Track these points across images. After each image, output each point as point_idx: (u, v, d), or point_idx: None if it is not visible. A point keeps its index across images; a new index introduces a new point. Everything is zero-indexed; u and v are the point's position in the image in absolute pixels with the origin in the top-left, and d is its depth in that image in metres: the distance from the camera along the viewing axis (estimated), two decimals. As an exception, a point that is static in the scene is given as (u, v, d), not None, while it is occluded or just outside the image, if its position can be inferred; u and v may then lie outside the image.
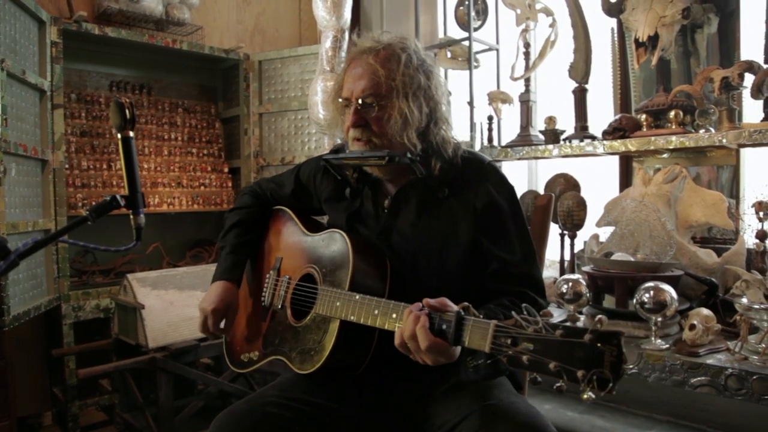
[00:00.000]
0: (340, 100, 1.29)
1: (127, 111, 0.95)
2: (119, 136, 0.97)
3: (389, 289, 1.18)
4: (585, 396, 0.78)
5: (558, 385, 0.81)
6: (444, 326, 0.95)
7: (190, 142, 3.37)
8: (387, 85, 1.21)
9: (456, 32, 3.63)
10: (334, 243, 1.27)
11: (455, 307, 0.97)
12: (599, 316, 0.75)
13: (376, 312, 1.09)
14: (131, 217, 0.99)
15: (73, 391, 2.68)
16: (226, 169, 3.50)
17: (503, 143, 3.20)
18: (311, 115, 2.88)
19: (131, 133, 0.98)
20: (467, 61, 3.31)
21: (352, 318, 1.13)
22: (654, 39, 2.42)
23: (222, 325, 1.43)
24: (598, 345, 0.77)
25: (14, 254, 0.80)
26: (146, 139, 3.15)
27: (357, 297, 1.14)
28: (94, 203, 0.97)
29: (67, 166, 2.79)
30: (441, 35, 3.70)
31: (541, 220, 1.37)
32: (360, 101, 1.22)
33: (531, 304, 1.13)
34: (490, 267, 1.21)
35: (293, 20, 3.98)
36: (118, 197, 0.95)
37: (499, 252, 1.21)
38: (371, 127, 1.23)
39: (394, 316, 1.06)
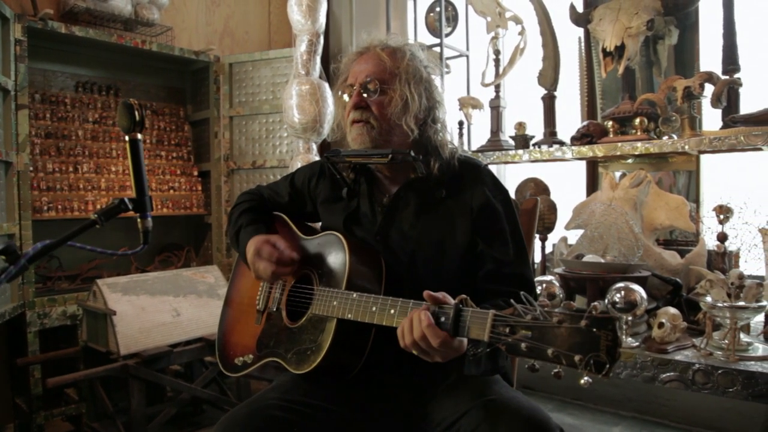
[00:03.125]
0: (341, 92, 1.34)
1: (136, 113, 0.94)
2: (127, 138, 0.95)
3: (384, 290, 1.20)
4: (582, 380, 0.81)
5: (556, 371, 0.84)
6: (442, 318, 0.98)
7: (158, 144, 3.31)
8: (390, 72, 1.28)
9: (426, 38, 3.68)
10: (330, 244, 1.29)
11: (452, 300, 1.00)
12: (594, 303, 0.79)
13: (374, 309, 1.11)
14: (138, 220, 0.98)
15: (38, 402, 2.59)
16: (195, 173, 3.45)
17: (474, 148, 3.26)
18: (286, 119, 2.87)
19: (139, 136, 0.97)
20: (438, 66, 3.35)
21: (349, 316, 1.14)
22: (620, 49, 2.52)
23: (281, 248, 1.33)
24: (594, 330, 0.80)
25: (24, 258, 0.78)
26: (114, 142, 3.07)
27: (354, 295, 1.15)
28: (101, 207, 0.95)
29: (31, 168, 2.70)
30: (411, 41, 3.73)
31: (527, 223, 1.42)
32: (363, 86, 1.28)
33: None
34: (484, 267, 1.25)
35: (262, 23, 3.96)
36: (126, 200, 0.93)
37: (493, 253, 1.24)
38: (371, 108, 1.28)
39: (392, 312, 1.08)
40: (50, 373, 2.39)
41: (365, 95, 1.28)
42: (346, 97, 1.33)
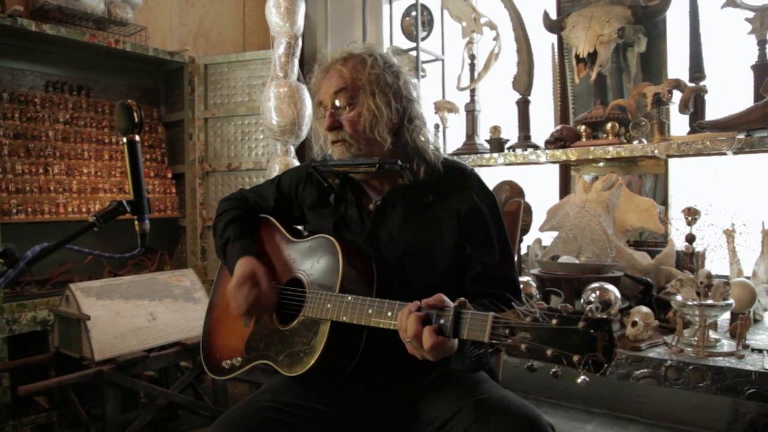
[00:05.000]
0: (320, 109, 1.35)
1: (135, 114, 0.93)
2: (124, 140, 0.94)
3: (376, 293, 1.21)
4: (579, 379, 0.84)
5: (554, 370, 0.87)
6: (442, 321, 1.00)
7: (131, 146, 3.25)
8: (353, 86, 1.28)
9: (402, 42, 3.71)
10: (322, 247, 1.29)
11: (451, 303, 1.01)
12: (590, 305, 0.82)
13: (371, 311, 1.12)
14: (136, 222, 0.97)
15: (7, 411, 2.52)
16: (169, 175, 3.41)
17: (449, 151, 3.30)
18: (264, 121, 2.86)
19: (137, 137, 0.96)
20: (414, 70, 3.39)
21: (344, 318, 1.15)
22: (593, 55, 2.59)
23: (261, 287, 1.33)
24: (592, 331, 0.83)
25: (23, 261, 0.77)
26: (86, 143, 3.01)
27: (349, 298, 1.16)
28: (100, 209, 0.94)
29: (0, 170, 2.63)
30: (387, 45, 3.77)
31: (511, 225, 1.45)
32: (333, 105, 1.30)
33: (507, 305, 1.20)
34: (472, 270, 1.27)
35: (237, 24, 3.93)
36: (124, 203, 0.93)
37: (481, 256, 1.27)
38: (344, 128, 1.29)
39: (389, 314, 1.09)
40: (19, 380, 2.32)
41: (336, 114, 1.30)
42: (321, 111, 1.34)
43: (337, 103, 1.29)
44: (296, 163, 2.97)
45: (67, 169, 2.92)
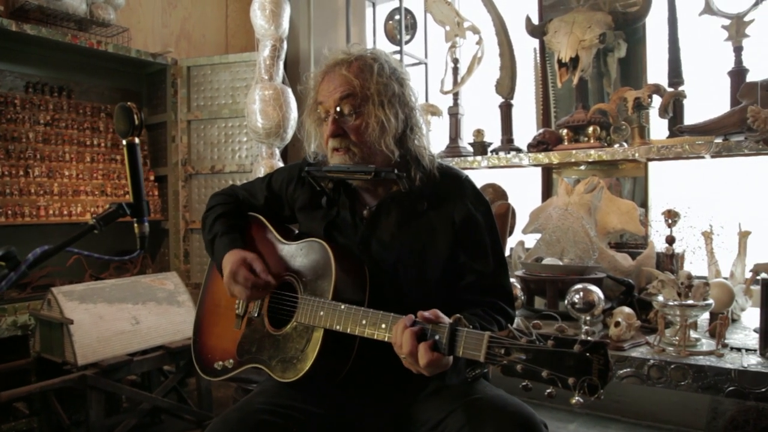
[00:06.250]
0: (314, 112, 1.31)
1: (135, 116, 0.92)
2: (124, 142, 0.94)
3: (368, 299, 1.20)
4: (573, 401, 0.85)
5: (549, 391, 0.88)
6: (437, 337, 0.99)
7: (113, 148, 3.22)
8: (362, 94, 1.23)
9: (385, 45, 3.73)
10: (314, 252, 1.28)
11: (447, 319, 1.02)
12: (586, 327, 0.84)
13: (364, 322, 1.11)
14: (135, 225, 0.96)
15: (-15, 417, 2.47)
16: (152, 177, 3.38)
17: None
18: (249, 124, 2.85)
19: (137, 140, 0.95)
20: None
21: (337, 328, 1.14)
22: (575, 60, 2.63)
23: (257, 270, 1.32)
24: (587, 354, 0.85)
25: (24, 264, 0.76)
26: (67, 145, 2.97)
27: (342, 307, 1.15)
28: (100, 212, 0.93)
29: (-22, 172, 2.59)
30: (372, 48, 3.77)
31: (501, 227, 1.47)
32: (337, 111, 1.25)
33: (501, 314, 1.22)
34: (465, 279, 1.27)
35: (220, 27, 3.91)
36: (124, 205, 0.92)
37: (475, 265, 1.27)
38: (349, 136, 1.25)
39: (383, 326, 1.09)
40: (-1, 386, 2.29)
41: (340, 120, 1.25)
42: (321, 113, 1.29)
43: (344, 110, 1.24)
44: (282, 165, 2.97)
45: (48, 172, 2.88)
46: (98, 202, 3.01)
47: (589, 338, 0.86)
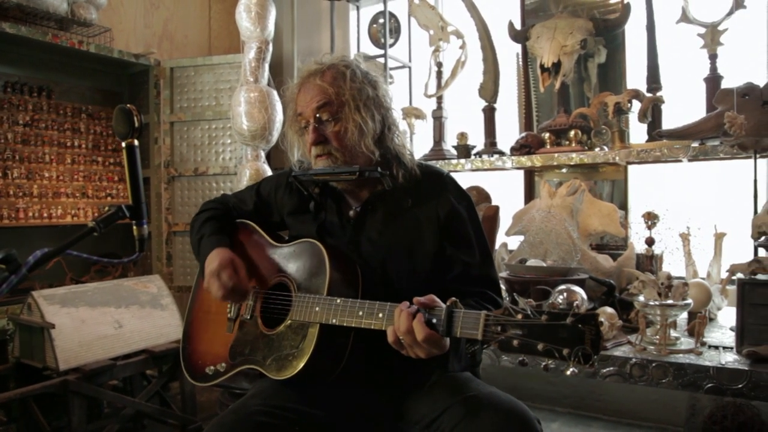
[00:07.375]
0: (296, 124, 1.36)
1: (135, 118, 0.92)
2: (123, 144, 0.94)
3: (361, 295, 1.23)
4: (569, 371, 0.89)
5: (545, 363, 0.93)
6: (434, 320, 1.03)
7: (95, 150, 3.18)
8: (338, 101, 1.29)
9: (369, 49, 3.74)
10: (307, 251, 1.30)
11: (443, 303, 1.05)
12: (576, 302, 0.87)
13: (361, 313, 1.14)
14: (134, 227, 0.96)
15: (-38, 424, 2.42)
16: (133, 179, 3.34)
17: (417, 157, 3.34)
18: (234, 126, 2.84)
19: (136, 142, 0.95)
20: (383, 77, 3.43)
21: (333, 321, 1.17)
22: (557, 65, 2.68)
23: (240, 275, 1.35)
24: (579, 326, 0.89)
25: (25, 267, 0.76)
26: (47, 146, 2.93)
27: (338, 301, 1.18)
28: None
29: (-45, 173, 2.54)
30: (354, 51, 3.80)
31: (489, 229, 1.50)
32: (316, 119, 1.30)
33: (490, 303, 1.25)
34: (453, 270, 1.31)
35: (203, 28, 3.89)
36: (123, 207, 0.92)
37: (461, 256, 1.31)
38: (331, 142, 1.31)
39: (380, 315, 1.11)
40: (-24, 393, 2.24)
41: (320, 128, 1.30)
42: (301, 123, 1.34)
43: (321, 117, 1.30)
44: (267, 167, 2.97)
45: (28, 173, 2.84)
46: (79, 204, 2.97)
47: (579, 311, 0.90)
